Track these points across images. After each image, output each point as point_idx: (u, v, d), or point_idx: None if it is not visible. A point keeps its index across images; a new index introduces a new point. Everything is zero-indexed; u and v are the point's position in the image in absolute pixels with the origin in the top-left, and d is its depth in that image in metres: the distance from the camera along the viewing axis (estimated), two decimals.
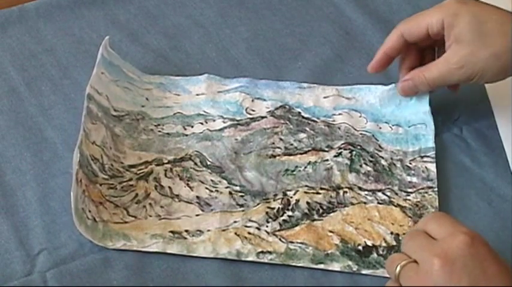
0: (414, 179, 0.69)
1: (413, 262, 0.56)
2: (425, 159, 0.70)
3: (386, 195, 0.68)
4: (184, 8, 0.84)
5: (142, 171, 0.69)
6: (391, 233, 0.66)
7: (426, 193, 0.68)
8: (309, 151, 0.71)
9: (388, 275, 0.62)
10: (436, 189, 0.68)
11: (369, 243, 0.65)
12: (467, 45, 0.67)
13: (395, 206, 0.67)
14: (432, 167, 0.70)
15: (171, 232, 0.65)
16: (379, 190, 0.69)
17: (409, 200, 0.68)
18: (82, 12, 0.83)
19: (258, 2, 0.85)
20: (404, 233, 0.65)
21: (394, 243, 0.65)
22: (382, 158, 0.71)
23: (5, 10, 0.82)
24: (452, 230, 0.55)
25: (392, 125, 0.73)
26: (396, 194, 0.68)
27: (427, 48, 0.73)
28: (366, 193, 0.68)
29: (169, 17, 0.83)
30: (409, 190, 0.69)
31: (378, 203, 0.68)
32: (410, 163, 0.70)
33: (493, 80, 0.69)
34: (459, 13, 0.68)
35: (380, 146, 0.72)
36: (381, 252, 0.65)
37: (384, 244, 0.65)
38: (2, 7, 0.83)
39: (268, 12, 0.84)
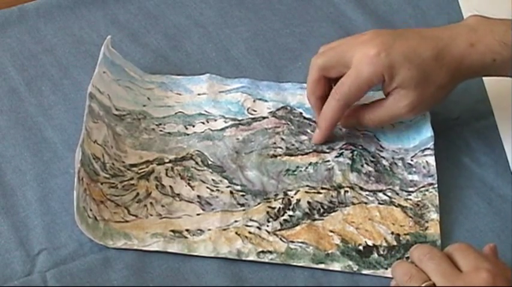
0: (415, 177, 0.69)
1: (433, 285, 0.56)
2: (425, 152, 0.70)
3: (387, 195, 0.68)
4: (184, 8, 0.84)
5: (143, 170, 0.69)
6: (392, 233, 0.66)
7: (427, 190, 0.68)
8: (310, 152, 0.71)
9: (388, 276, 0.63)
10: (436, 185, 0.69)
11: (370, 243, 0.65)
12: (414, 89, 0.67)
13: (396, 206, 0.67)
14: (431, 160, 0.70)
15: (172, 231, 0.65)
16: (380, 191, 0.69)
17: (410, 199, 0.68)
18: (82, 12, 0.83)
19: (258, 2, 0.85)
20: (405, 234, 0.65)
21: (395, 243, 0.65)
22: (384, 158, 0.71)
23: (5, 10, 0.82)
24: (476, 264, 0.56)
25: (395, 124, 0.73)
26: (397, 194, 0.68)
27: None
28: (367, 193, 0.68)
29: (169, 17, 0.83)
30: (410, 189, 0.69)
31: (379, 203, 0.68)
32: (411, 160, 0.70)
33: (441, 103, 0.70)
34: (394, 64, 0.66)
35: (381, 146, 0.72)
36: (381, 252, 0.65)
37: (384, 244, 0.65)
38: (2, 7, 0.83)
39: (268, 12, 0.84)
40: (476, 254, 0.58)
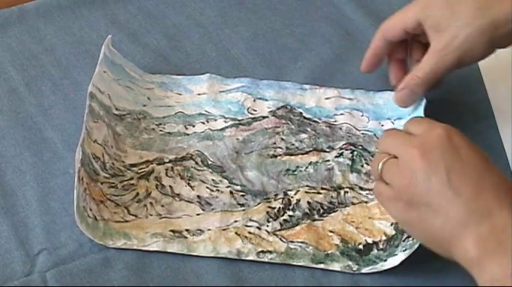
0: None
1: (394, 158, 0.59)
2: None
3: None
4: (184, 8, 0.84)
5: (143, 170, 0.69)
6: (391, 224, 0.66)
7: None
8: (310, 151, 0.71)
9: (387, 267, 0.63)
10: None
11: (370, 240, 0.65)
12: (446, 30, 0.67)
13: None
14: None
15: (172, 231, 0.65)
16: None
17: None
18: (82, 12, 0.83)
19: (258, 2, 0.85)
20: None
21: (394, 232, 0.65)
22: None
23: (5, 10, 0.82)
24: (430, 126, 0.59)
25: (394, 120, 0.73)
26: None
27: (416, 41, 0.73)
28: (367, 192, 0.68)
29: (169, 17, 0.83)
30: None
31: None
32: None
33: (484, 56, 0.69)
34: (430, 4, 0.68)
35: None
36: (381, 246, 0.65)
37: (384, 238, 0.65)
38: (2, 7, 0.83)
39: (268, 12, 0.84)
40: (428, 120, 0.61)
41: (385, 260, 0.64)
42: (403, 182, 0.57)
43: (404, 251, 0.63)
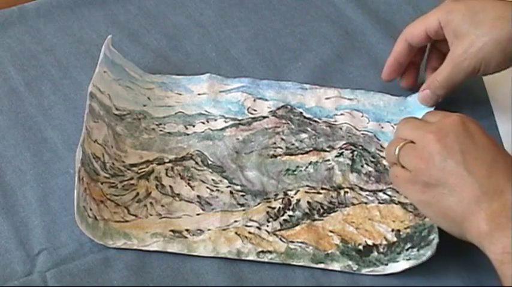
0: None
1: (410, 142, 0.62)
2: None
3: (387, 194, 0.68)
4: (184, 8, 0.84)
5: (143, 170, 0.69)
6: (392, 230, 0.66)
7: None
8: (310, 151, 0.71)
9: (388, 272, 0.63)
10: None
11: (370, 242, 0.65)
12: (466, 37, 0.68)
13: (396, 203, 0.67)
14: None
15: (172, 231, 0.65)
16: (380, 190, 0.69)
17: None
18: (82, 12, 0.83)
19: (258, 2, 0.85)
20: (405, 228, 0.65)
21: (395, 239, 0.65)
22: (384, 158, 0.71)
23: (5, 10, 0.82)
24: (446, 114, 0.63)
25: (395, 124, 0.73)
26: (397, 192, 0.68)
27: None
28: (367, 193, 0.68)
29: (169, 17, 0.83)
30: None
31: (379, 202, 0.68)
32: None
33: (500, 68, 0.70)
34: (453, 9, 0.69)
35: (381, 146, 0.72)
36: (381, 250, 0.65)
37: (384, 242, 0.65)
38: (2, 7, 0.83)
39: (268, 12, 0.84)
40: (444, 111, 0.64)
41: (386, 264, 0.63)
42: (421, 165, 0.60)
43: (408, 260, 0.63)
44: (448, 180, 0.59)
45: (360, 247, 0.65)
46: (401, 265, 0.63)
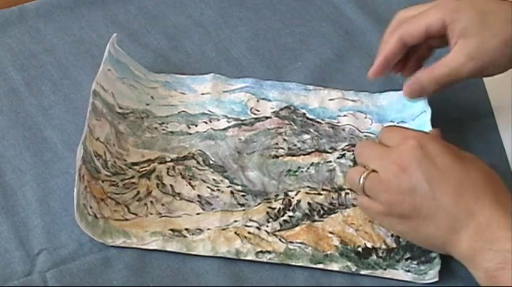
0: None
1: (373, 171, 0.62)
2: None
3: None
4: (184, 8, 0.84)
5: (144, 169, 0.69)
6: (392, 235, 0.65)
7: None
8: (312, 152, 0.71)
9: (387, 276, 0.63)
10: None
11: (369, 245, 0.65)
12: (475, 37, 0.67)
13: None
14: None
15: (171, 230, 0.65)
16: None
17: None
18: (82, 12, 0.83)
19: (258, 2, 0.85)
20: None
21: (394, 245, 0.65)
22: None
23: (5, 10, 0.82)
24: (402, 136, 0.62)
25: (398, 123, 0.73)
26: None
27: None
28: None
29: (169, 17, 0.83)
30: None
31: None
32: None
33: (504, 70, 0.69)
34: (459, 9, 0.68)
35: None
36: (380, 254, 0.64)
37: (383, 246, 0.65)
38: (2, 7, 0.83)
39: (268, 12, 0.84)
40: (399, 130, 0.65)
41: (385, 269, 0.63)
42: (391, 199, 0.60)
43: (407, 271, 0.63)
44: (421, 211, 0.59)
45: (359, 249, 0.65)
46: (399, 274, 0.63)
